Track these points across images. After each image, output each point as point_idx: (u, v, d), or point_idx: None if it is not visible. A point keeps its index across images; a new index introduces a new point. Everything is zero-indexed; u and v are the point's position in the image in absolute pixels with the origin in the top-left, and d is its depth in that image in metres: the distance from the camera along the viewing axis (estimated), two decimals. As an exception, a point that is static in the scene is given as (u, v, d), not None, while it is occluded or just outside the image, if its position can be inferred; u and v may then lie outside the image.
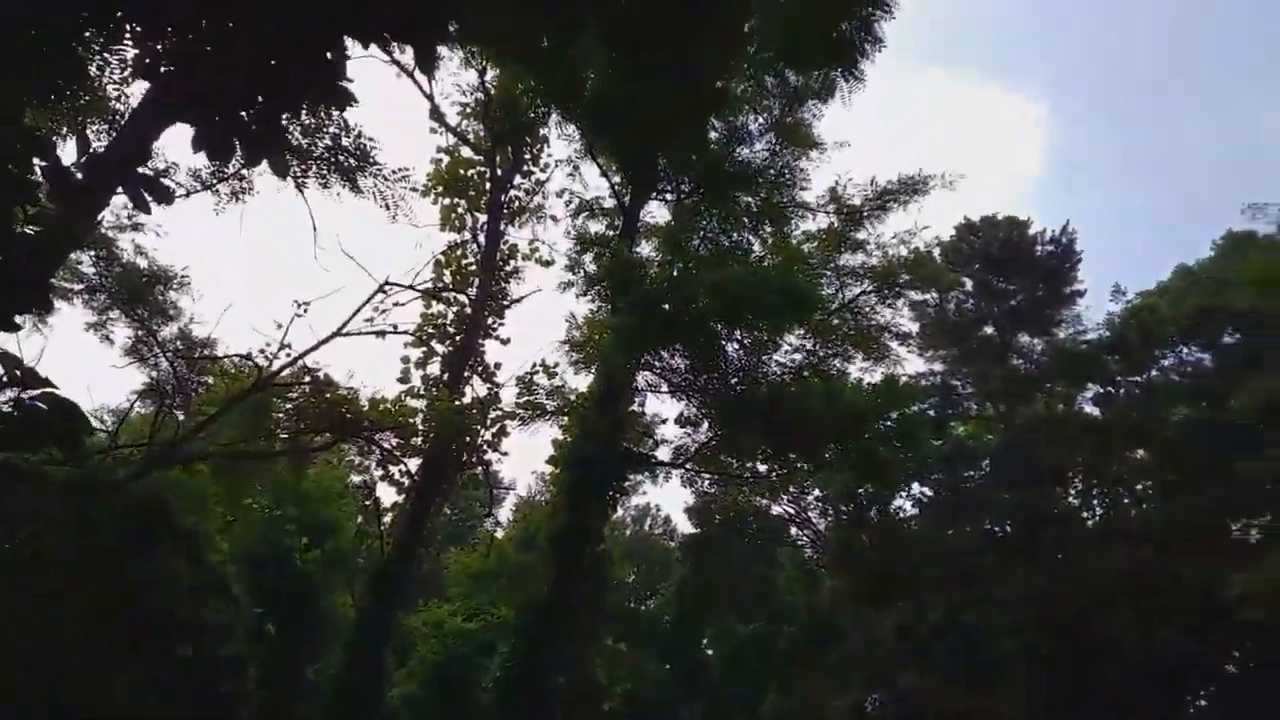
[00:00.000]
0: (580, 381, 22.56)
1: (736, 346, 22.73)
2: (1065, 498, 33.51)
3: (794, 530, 34.29)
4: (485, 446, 20.76)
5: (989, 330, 34.64)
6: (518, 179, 21.96)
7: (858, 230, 23.36)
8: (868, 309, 23.68)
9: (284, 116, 6.59)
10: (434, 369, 21.14)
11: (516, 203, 22.04)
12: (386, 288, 19.01)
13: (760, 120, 22.24)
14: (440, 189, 21.32)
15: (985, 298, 34.81)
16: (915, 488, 33.39)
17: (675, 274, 21.69)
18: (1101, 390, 32.86)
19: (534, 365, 21.76)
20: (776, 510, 32.51)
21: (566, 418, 21.72)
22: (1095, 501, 33.92)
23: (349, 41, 6.02)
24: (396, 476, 20.68)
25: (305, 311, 17.89)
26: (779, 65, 19.56)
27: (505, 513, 42.21)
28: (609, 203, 22.99)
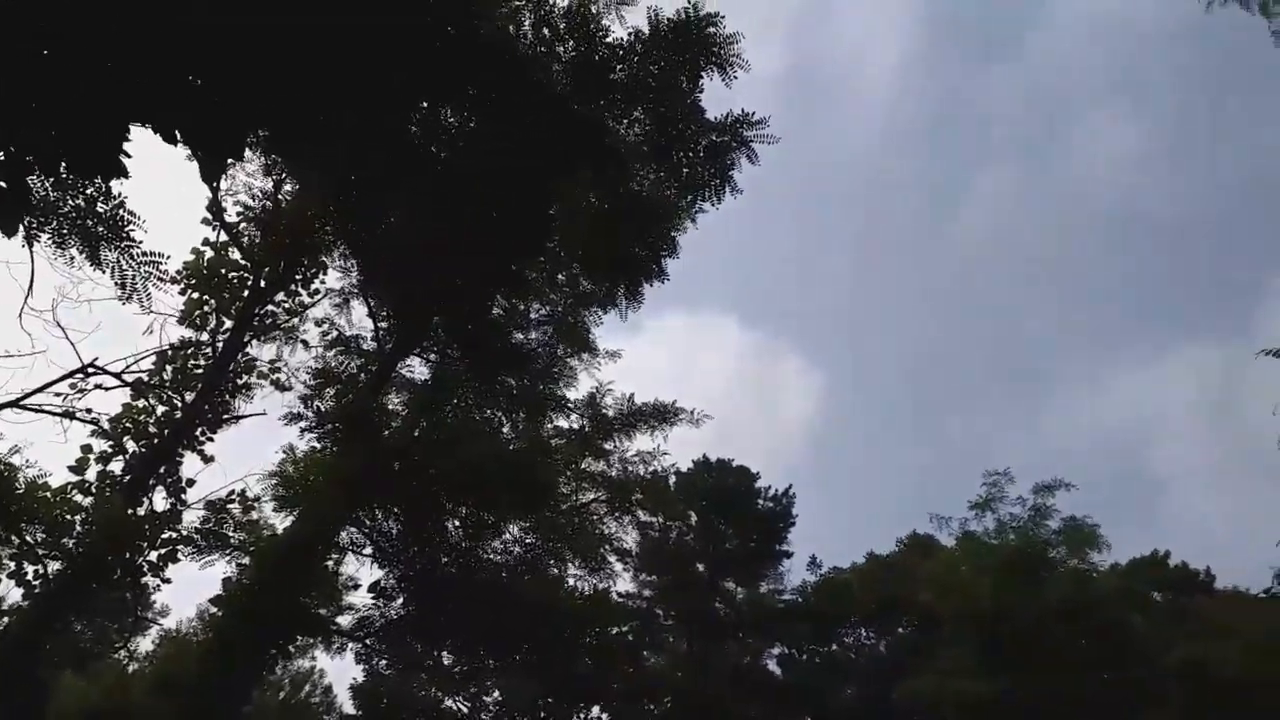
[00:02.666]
0: (279, 522, 20.69)
1: (456, 525, 21.87)
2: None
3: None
4: (145, 567, 18.19)
5: (700, 568, 35.62)
6: (280, 295, 20.62)
7: (606, 440, 23.69)
8: (596, 517, 23.69)
9: (36, 175, 5.69)
10: (116, 467, 18.64)
11: (271, 319, 20.60)
12: (90, 369, 16.83)
13: (543, 310, 22.55)
14: (194, 282, 19.65)
15: (704, 536, 35.99)
16: (595, 711, 32.64)
17: (416, 434, 20.85)
18: (787, 651, 34.32)
19: (231, 492, 19.80)
20: (449, 705, 30.56)
21: (249, 557, 19.65)
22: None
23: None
24: (30, 576, 17.61)
25: (-16, 366, 15.47)
26: (573, 265, 20.13)
27: (147, 644, 36.69)
28: (369, 345, 22.09)
